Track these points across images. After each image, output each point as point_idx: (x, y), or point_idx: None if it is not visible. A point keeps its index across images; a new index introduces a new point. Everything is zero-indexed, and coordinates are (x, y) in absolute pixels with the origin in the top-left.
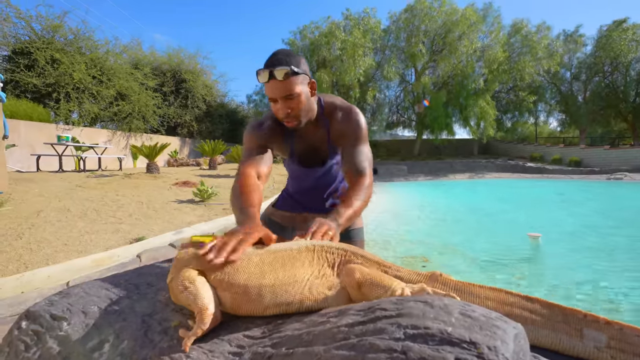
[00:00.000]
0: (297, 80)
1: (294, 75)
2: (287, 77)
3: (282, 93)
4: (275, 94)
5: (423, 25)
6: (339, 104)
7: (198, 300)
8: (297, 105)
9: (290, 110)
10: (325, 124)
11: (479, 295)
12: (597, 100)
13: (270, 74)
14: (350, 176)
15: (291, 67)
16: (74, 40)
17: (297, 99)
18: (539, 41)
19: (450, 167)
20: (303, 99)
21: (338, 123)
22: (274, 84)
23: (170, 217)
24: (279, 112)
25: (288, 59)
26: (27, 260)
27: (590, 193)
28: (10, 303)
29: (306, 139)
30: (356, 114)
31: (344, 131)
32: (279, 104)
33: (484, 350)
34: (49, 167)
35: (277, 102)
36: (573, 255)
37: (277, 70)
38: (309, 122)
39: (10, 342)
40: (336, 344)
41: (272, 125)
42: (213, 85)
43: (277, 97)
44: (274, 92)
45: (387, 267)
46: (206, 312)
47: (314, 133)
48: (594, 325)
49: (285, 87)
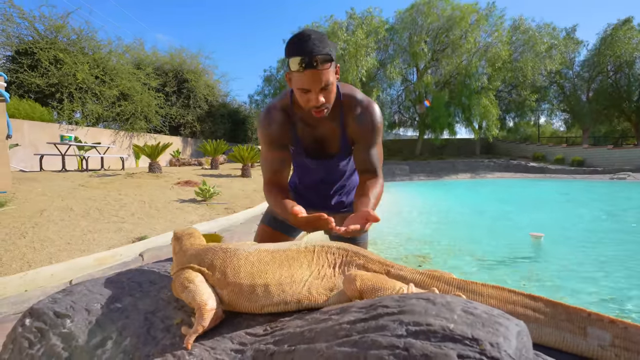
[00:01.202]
0: (332, 68)
1: (330, 62)
2: (327, 66)
3: (320, 84)
4: (313, 85)
5: (426, 23)
6: (358, 98)
7: (197, 297)
8: (330, 94)
9: (325, 101)
10: (340, 116)
11: (482, 294)
12: (601, 99)
13: (309, 63)
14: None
15: (330, 53)
16: (77, 40)
17: (331, 87)
18: (542, 40)
19: (452, 167)
20: (335, 87)
21: (356, 119)
22: (311, 75)
23: (173, 216)
24: (310, 103)
25: (323, 43)
26: (30, 259)
27: (593, 193)
28: (14, 301)
29: (315, 128)
30: (375, 111)
31: (362, 129)
32: (312, 94)
33: (486, 346)
34: (52, 167)
35: (310, 92)
36: (576, 255)
37: (319, 59)
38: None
39: (14, 339)
40: (338, 340)
41: (279, 117)
42: (215, 85)
43: (313, 88)
44: (311, 82)
45: (389, 266)
46: (205, 307)
47: (325, 124)
48: (598, 324)
49: (323, 77)
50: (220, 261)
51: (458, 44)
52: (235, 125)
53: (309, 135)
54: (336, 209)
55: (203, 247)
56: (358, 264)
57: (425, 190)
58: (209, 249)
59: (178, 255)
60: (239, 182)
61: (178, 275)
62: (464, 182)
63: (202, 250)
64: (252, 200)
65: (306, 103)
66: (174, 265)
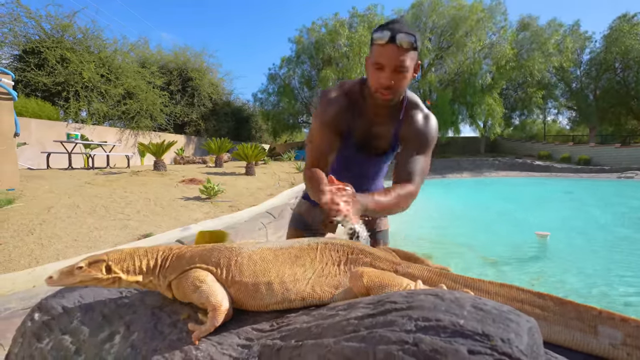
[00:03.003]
0: (413, 55)
1: (413, 49)
2: (408, 48)
3: (396, 62)
4: (388, 61)
5: (430, 21)
6: (421, 106)
7: (212, 298)
8: (402, 81)
9: (394, 83)
10: (399, 117)
11: (489, 292)
12: (608, 97)
13: (392, 38)
14: (399, 178)
15: (415, 39)
16: (83, 39)
17: (405, 74)
18: (549, 37)
19: (456, 165)
20: (409, 76)
21: (414, 123)
22: (390, 49)
23: (177, 214)
24: (380, 80)
25: (412, 30)
26: (38, 255)
27: (599, 192)
28: (22, 297)
29: (372, 123)
30: (433, 122)
31: (415, 135)
32: (384, 73)
33: (497, 342)
34: (59, 165)
35: (384, 70)
36: (582, 254)
37: (402, 37)
38: (385, 107)
39: (23, 333)
40: (346, 336)
41: (343, 102)
42: (219, 84)
43: (388, 65)
44: (388, 58)
45: (397, 264)
46: (220, 308)
47: (383, 121)
48: (610, 322)
49: (401, 56)
50: (225, 260)
51: (462, 42)
52: (239, 123)
53: (364, 129)
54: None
55: (208, 247)
56: (365, 261)
57: (429, 188)
58: (213, 249)
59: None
60: (243, 180)
61: (185, 277)
62: (468, 180)
63: (207, 250)
64: (256, 198)
65: (376, 81)
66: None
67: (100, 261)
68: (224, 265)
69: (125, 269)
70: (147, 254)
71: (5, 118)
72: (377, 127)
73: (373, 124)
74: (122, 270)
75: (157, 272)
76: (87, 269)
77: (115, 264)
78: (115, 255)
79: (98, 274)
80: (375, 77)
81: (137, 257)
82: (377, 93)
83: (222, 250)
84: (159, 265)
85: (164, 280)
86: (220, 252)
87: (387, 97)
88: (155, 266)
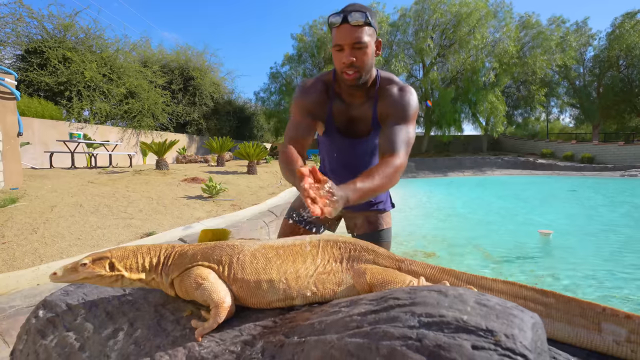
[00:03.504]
0: (368, 31)
1: (366, 25)
2: (361, 24)
3: (352, 39)
4: (345, 40)
5: (433, 19)
6: (395, 80)
7: (214, 295)
8: (363, 57)
9: (355, 59)
10: (375, 97)
11: (492, 289)
12: (611, 95)
13: (344, 18)
14: (383, 152)
15: (366, 15)
16: (84, 39)
17: (365, 50)
18: (552, 35)
19: (458, 163)
20: (369, 52)
21: (389, 97)
22: (345, 29)
23: (180, 212)
24: (342, 60)
25: (364, 9)
26: (42, 253)
27: (603, 190)
28: (26, 295)
29: (350, 106)
30: (410, 92)
31: (392, 107)
32: (344, 52)
33: (501, 337)
34: (62, 164)
35: (344, 49)
36: (585, 252)
37: (353, 15)
38: (359, 89)
39: (28, 330)
40: (349, 332)
41: (320, 88)
42: (220, 83)
43: (345, 44)
44: (344, 37)
45: (400, 261)
46: (223, 305)
47: (360, 103)
48: (613, 319)
49: (355, 33)
50: (227, 257)
51: (465, 40)
52: (241, 122)
53: (343, 113)
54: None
55: (210, 245)
56: (367, 259)
57: (431, 187)
58: (215, 247)
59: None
60: (245, 179)
61: (187, 274)
62: (470, 179)
63: (210, 248)
64: (258, 197)
65: (339, 62)
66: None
67: (104, 258)
68: (226, 262)
69: (128, 266)
70: (150, 252)
71: (8, 118)
72: (356, 110)
73: (351, 107)
74: (125, 268)
75: (160, 270)
76: (90, 265)
77: (118, 261)
78: (119, 252)
79: (101, 271)
80: (338, 59)
81: (140, 255)
82: (343, 74)
83: (224, 248)
84: (161, 263)
85: (166, 278)
86: (222, 250)
87: (352, 76)
88: (158, 264)
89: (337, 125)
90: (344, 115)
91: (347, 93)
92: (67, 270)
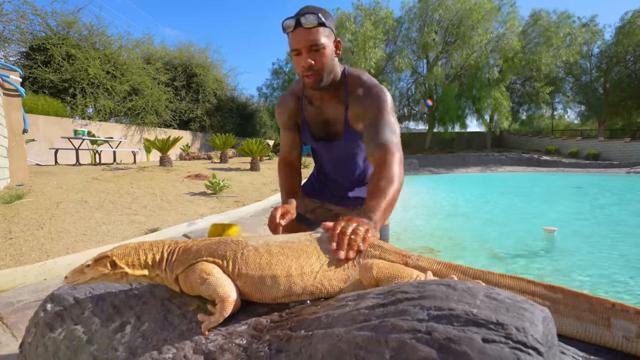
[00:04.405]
0: (323, 32)
1: (321, 26)
2: (314, 26)
3: (307, 42)
4: (300, 44)
5: (437, 14)
6: (364, 79)
7: (219, 290)
8: (321, 58)
9: (314, 63)
10: (345, 98)
11: (499, 284)
12: (618, 90)
13: (297, 22)
14: (374, 155)
15: (319, 16)
16: (88, 35)
17: (322, 51)
18: (558, 30)
19: (462, 160)
20: (327, 52)
21: (358, 99)
22: (299, 33)
23: (184, 208)
24: (300, 64)
25: (316, 10)
26: (48, 249)
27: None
28: (34, 289)
29: (320, 109)
30: (380, 89)
31: (364, 108)
32: (302, 56)
33: (512, 331)
34: (67, 161)
35: (301, 53)
36: (590, 249)
37: (306, 17)
38: (327, 91)
39: (36, 323)
40: (357, 325)
41: (290, 101)
42: (223, 79)
43: (302, 47)
44: (299, 41)
45: (407, 256)
46: (228, 299)
47: (330, 105)
48: (623, 315)
49: (311, 36)
50: (232, 253)
51: (469, 36)
52: (244, 119)
53: (315, 117)
54: (354, 204)
55: (214, 240)
56: (373, 254)
57: (435, 184)
58: (220, 242)
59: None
60: (248, 176)
61: (192, 270)
62: (474, 176)
63: (214, 243)
64: (261, 194)
65: (299, 66)
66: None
67: (105, 257)
68: (230, 257)
69: (130, 263)
70: (152, 248)
71: (14, 115)
72: (327, 111)
73: (322, 111)
74: (127, 265)
75: (164, 266)
76: (94, 265)
77: (119, 259)
78: (119, 250)
79: (104, 270)
80: (297, 64)
81: (141, 252)
82: (305, 78)
83: (228, 244)
84: (165, 259)
85: (170, 274)
86: (226, 245)
87: (313, 79)
88: (162, 260)
89: (311, 130)
90: (317, 119)
91: (317, 96)
92: (75, 273)
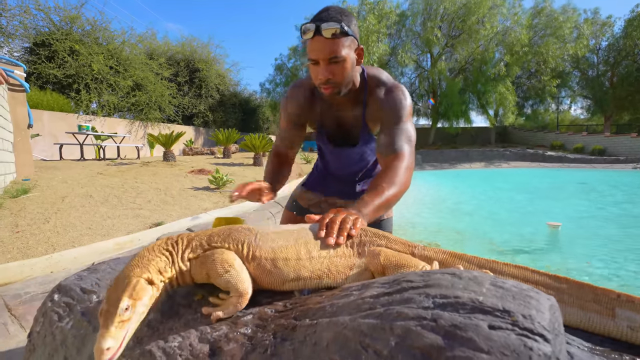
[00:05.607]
0: (345, 42)
1: (343, 36)
2: (336, 36)
3: (327, 54)
4: (319, 55)
5: (441, 8)
6: (383, 80)
7: (240, 285)
8: (341, 71)
9: (332, 76)
10: (363, 98)
11: (503, 272)
12: (626, 85)
13: (317, 29)
14: (384, 157)
15: (342, 25)
16: (91, 31)
17: (342, 64)
18: (564, 23)
19: (466, 156)
20: (348, 65)
21: (377, 101)
22: (319, 42)
23: (187, 203)
24: (318, 76)
25: (340, 16)
26: (54, 242)
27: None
28: (41, 281)
29: (339, 114)
30: (400, 91)
31: (383, 110)
32: (320, 67)
33: (518, 318)
34: (71, 156)
35: (319, 64)
36: (594, 245)
37: (326, 26)
38: (346, 95)
39: (44, 312)
40: (362, 313)
41: (302, 95)
42: (226, 74)
43: (320, 59)
44: (318, 52)
45: (413, 247)
46: (246, 296)
47: (349, 109)
48: (628, 306)
49: (331, 47)
50: (245, 237)
51: (474, 30)
52: (247, 114)
53: (331, 117)
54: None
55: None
56: (379, 244)
57: (438, 179)
58: (232, 229)
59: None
60: (251, 171)
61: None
62: (478, 171)
63: (227, 230)
64: None
65: (315, 77)
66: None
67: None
68: (244, 241)
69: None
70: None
71: (18, 110)
72: (345, 115)
73: (339, 113)
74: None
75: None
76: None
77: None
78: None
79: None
80: (314, 73)
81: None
82: (320, 88)
83: (241, 231)
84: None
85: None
86: (239, 232)
87: (329, 92)
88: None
89: (326, 132)
90: (332, 119)
91: (334, 100)
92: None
